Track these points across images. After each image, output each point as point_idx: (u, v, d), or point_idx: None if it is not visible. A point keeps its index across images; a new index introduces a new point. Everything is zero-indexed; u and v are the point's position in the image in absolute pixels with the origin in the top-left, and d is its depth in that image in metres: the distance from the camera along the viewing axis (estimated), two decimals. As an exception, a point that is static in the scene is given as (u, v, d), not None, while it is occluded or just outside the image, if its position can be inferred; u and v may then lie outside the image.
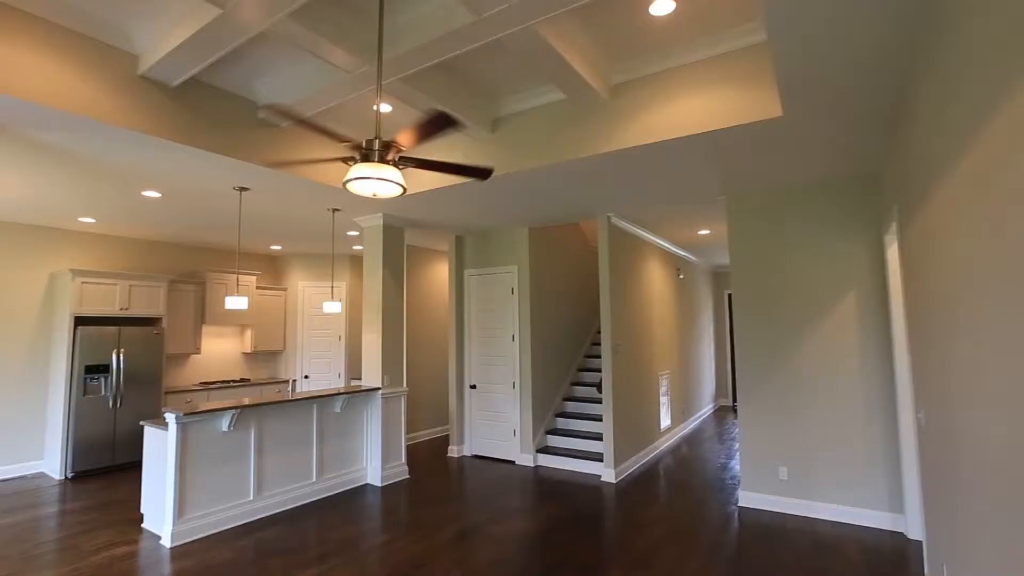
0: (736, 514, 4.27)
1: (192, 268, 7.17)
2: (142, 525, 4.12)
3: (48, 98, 2.81)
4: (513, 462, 6.00)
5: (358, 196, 4.61)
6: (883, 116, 3.05)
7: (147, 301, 6.22)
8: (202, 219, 5.51)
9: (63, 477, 5.48)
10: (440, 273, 7.87)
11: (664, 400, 6.84)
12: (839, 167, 3.94)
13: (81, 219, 5.55)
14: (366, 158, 2.48)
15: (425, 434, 7.30)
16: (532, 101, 3.92)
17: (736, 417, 8.89)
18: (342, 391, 5.00)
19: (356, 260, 7.92)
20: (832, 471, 4.14)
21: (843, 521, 4.07)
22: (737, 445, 6.79)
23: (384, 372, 5.29)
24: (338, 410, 4.98)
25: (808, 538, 3.78)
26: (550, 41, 2.84)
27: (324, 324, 7.77)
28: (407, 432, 6.76)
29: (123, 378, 5.85)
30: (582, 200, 4.89)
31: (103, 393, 5.71)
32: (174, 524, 3.76)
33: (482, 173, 2.71)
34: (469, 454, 6.36)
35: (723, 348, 10.27)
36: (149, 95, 3.23)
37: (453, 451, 6.33)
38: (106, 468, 5.73)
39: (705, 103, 3.23)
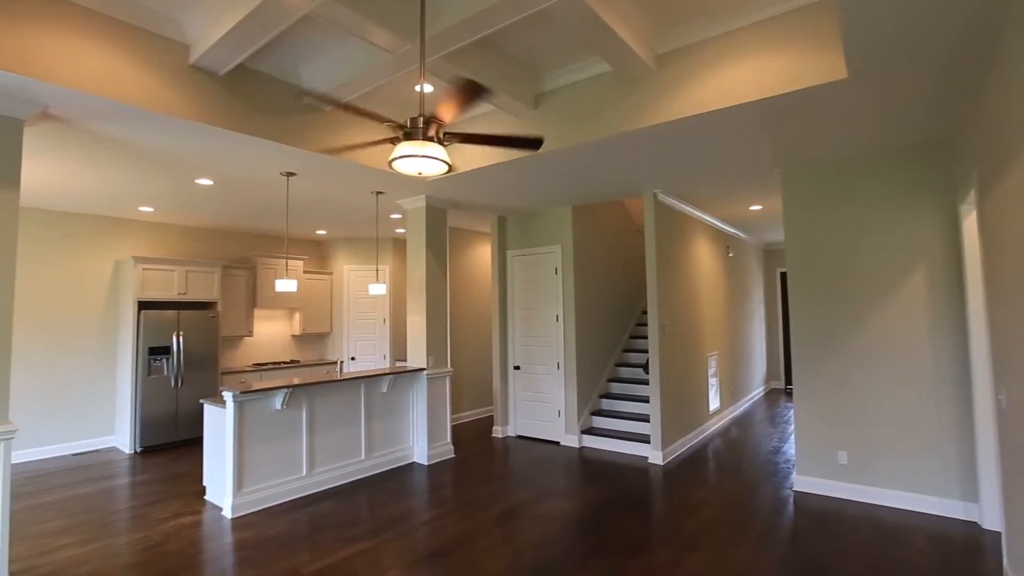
0: (791, 499, 4.13)
1: (243, 254, 7.42)
2: (205, 497, 4.34)
3: (106, 90, 2.91)
4: (558, 443, 5.99)
5: (401, 178, 4.62)
6: (964, 74, 2.79)
7: (203, 286, 6.49)
8: (251, 206, 5.67)
9: (132, 451, 5.83)
10: (483, 255, 7.86)
11: (713, 382, 6.66)
12: (908, 133, 3.66)
13: (141, 208, 5.80)
14: (410, 137, 2.46)
15: (469, 415, 7.39)
16: (576, 75, 3.80)
17: (789, 400, 8.59)
18: (388, 372, 5.09)
19: (399, 243, 8.01)
20: (897, 456, 3.93)
21: (908, 509, 3.87)
22: (791, 428, 6.56)
23: (429, 353, 5.35)
24: (385, 390, 5.08)
25: (870, 525, 3.61)
26: (595, 9, 2.72)
27: (369, 307, 7.92)
28: (452, 412, 6.86)
29: (183, 359, 6.15)
30: (628, 177, 4.75)
31: (165, 373, 6.02)
32: (234, 497, 3.94)
33: (532, 143, 2.61)
34: (513, 435, 6.39)
35: (775, 329, 9.91)
36: (200, 84, 3.30)
37: (497, 432, 6.37)
38: (170, 444, 6.06)
39: (758, 69, 3.04)
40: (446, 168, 2.43)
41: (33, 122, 3.20)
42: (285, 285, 4.41)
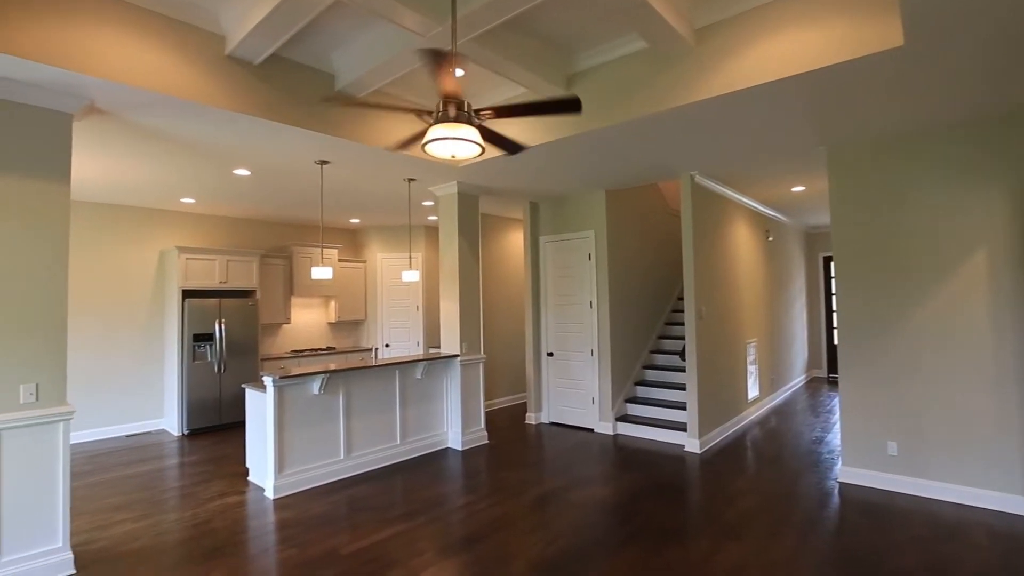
0: (836, 490, 3.99)
1: (279, 243, 7.59)
2: (248, 478, 4.48)
3: (149, 82, 2.97)
4: (592, 430, 5.94)
5: (432, 164, 4.61)
6: (1035, 36, 2.57)
7: (242, 275, 6.66)
8: (287, 195, 5.77)
9: (180, 433, 6.08)
10: (515, 241, 7.82)
11: (752, 369, 6.48)
12: (966, 106, 3.42)
13: (183, 200, 5.98)
14: (441, 119, 2.42)
15: (502, 401, 7.41)
16: (610, 54, 3.69)
17: (832, 388, 8.31)
18: (422, 358, 5.13)
19: (431, 231, 8.04)
20: (952, 448, 3.73)
21: (965, 503, 3.68)
22: (835, 418, 6.34)
23: (462, 339, 5.37)
24: (419, 376, 5.12)
25: (923, 519, 3.45)
26: (632, -20, 2.61)
27: (402, 294, 8.00)
28: (485, 399, 6.88)
29: (225, 346, 6.34)
30: (664, 158, 4.61)
31: (209, 359, 6.23)
32: (275, 478, 4.05)
33: (569, 105, 2.49)
34: (547, 421, 6.38)
35: (817, 315, 9.57)
36: (236, 74, 3.34)
37: (531, 418, 6.37)
38: (215, 427, 6.29)
39: (804, 40, 2.88)
40: (479, 150, 2.39)
41: (81, 116, 3.30)
42: (321, 273, 4.47)
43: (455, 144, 2.31)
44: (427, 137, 2.31)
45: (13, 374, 2.80)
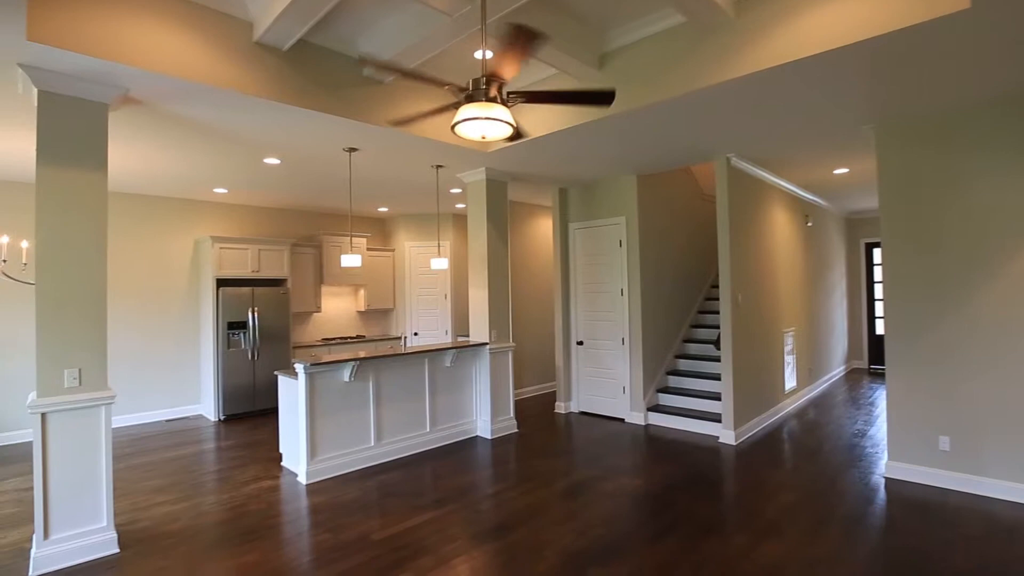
0: (882, 485, 3.81)
1: (309, 232, 7.67)
2: (281, 463, 4.55)
3: (182, 71, 2.98)
4: (623, 420, 5.85)
5: (461, 151, 4.55)
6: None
7: (274, 264, 6.75)
8: (316, 183, 5.79)
9: (217, 419, 6.23)
10: (543, 228, 7.72)
11: (789, 360, 6.27)
12: (1037, 74, 3.17)
13: (216, 190, 6.07)
14: (472, 99, 2.35)
15: (531, 390, 7.36)
16: (644, 30, 3.54)
17: (873, 380, 8.00)
18: (451, 346, 5.11)
19: (459, 219, 8.00)
20: (1012, 444, 3.51)
21: None
22: (877, 410, 6.09)
23: (491, 327, 5.32)
24: (448, 364, 5.11)
25: (979, 518, 3.27)
26: (670, -52, 2.48)
27: (431, 283, 8.00)
28: (514, 388, 6.85)
29: (258, 334, 6.45)
30: (699, 140, 4.44)
31: (243, 347, 6.35)
32: (308, 464, 4.10)
33: (603, 97, 2.42)
34: (576, 411, 6.31)
35: (858, 304, 9.21)
36: (265, 61, 3.32)
37: (560, 407, 6.31)
38: (249, 412, 6.42)
39: (852, 8, 2.69)
40: (510, 131, 2.32)
41: (116, 106, 3.34)
42: (350, 260, 4.48)
43: (486, 125, 2.24)
44: (457, 117, 2.24)
45: (57, 358, 2.87)
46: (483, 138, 2.34)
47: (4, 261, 4.13)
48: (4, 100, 3.36)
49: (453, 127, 2.30)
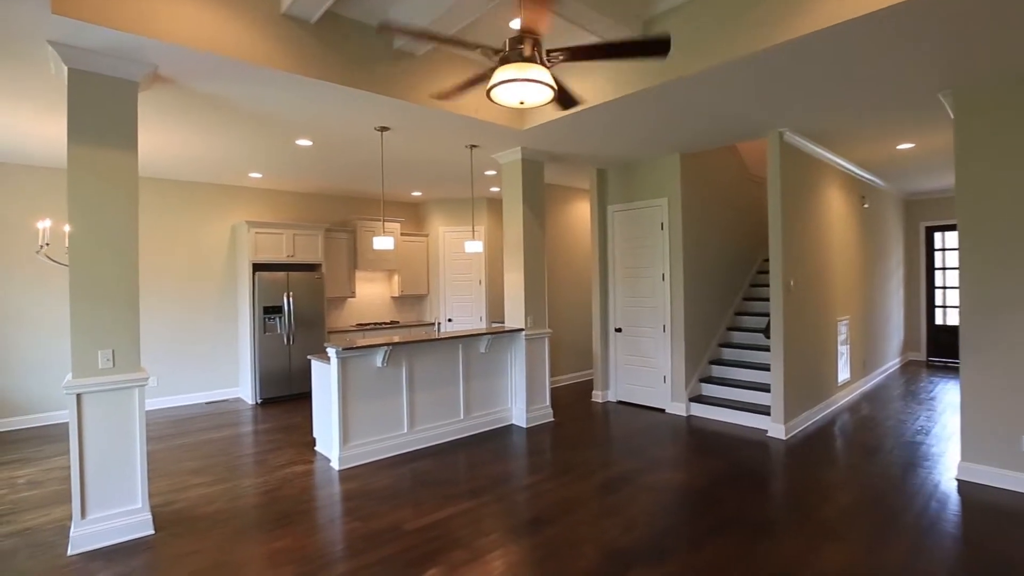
0: (954, 488, 3.49)
1: (343, 217, 7.63)
2: (315, 448, 4.52)
3: (211, 45, 2.88)
4: (663, 410, 5.61)
5: (495, 130, 4.36)
6: None
7: (308, 249, 6.74)
8: (348, 166, 5.71)
9: (254, 402, 6.29)
10: (579, 212, 7.48)
11: (843, 350, 5.89)
12: None
13: (251, 175, 6.07)
14: (507, 61, 2.15)
15: (567, 378, 7.18)
16: (693, -10, 3.26)
17: (932, 373, 7.49)
18: (486, 331, 4.96)
19: (493, 203, 7.82)
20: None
21: (1122, 509, 3.10)
22: (940, 406, 5.67)
23: (527, 313, 5.15)
24: (483, 350, 4.97)
25: (1070, 526, 2.93)
26: None
27: (464, 268, 7.88)
28: (550, 375, 6.68)
29: (294, 318, 6.47)
30: (752, 112, 4.12)
31: (279, 331, 6.38)
32: (341, 449, 4.04)
33: (658, 47, 2.15)
34: (614, 400, 6.10)
35: (916, 292, 8.63)
36: (293, 33, 3.21)
37: (597, 396, 6.11)
38: (285, 396, 6.47)
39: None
40: (551, 94, 2.11)
41: (146, 85, 3.29)
42: (382, 242, 4.37)
43: (524, 88, 2.04)
44: (493, 80, 2.06)
45: (91, 339, 2.85)
46: (521, 104, 2.15)
47: (47, 244, 4.19)
48: (41, 83, 3.35)
49: (489, 92, 2.12)
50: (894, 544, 2.77)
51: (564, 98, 2.59)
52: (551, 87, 2.08)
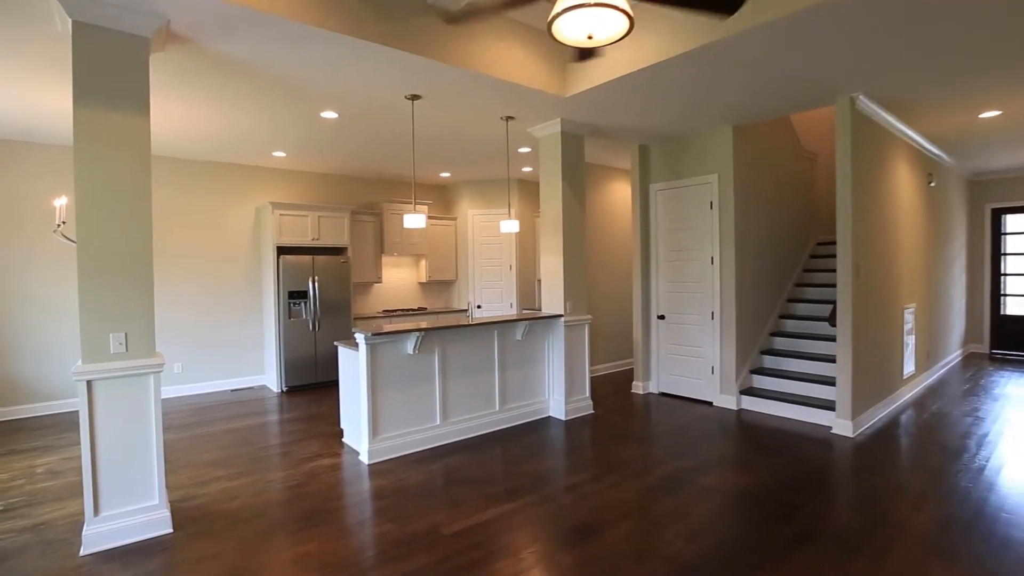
0: (1066, 497, 3.05)
1: (369, 199, 7.36)
2: (342, 440, 4.27)
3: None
4: (710, 403, 5.22)
5: (533, 100, 3.99)
6: None
7: (333, 231, 6.48)
8: (376, 142, 5.39)
9: (280, 390, 6.09)
10: (618, 193, 7.06)
11: (908, 340, 5.40)
12: None
13: (274, 154, 5.81)
14: (572, -12, 1.79)
15: (604, 367, 6.82)
16: (770, -76, 2.83)
17: (997, 367, 6.92)
18: (523, 318, 4.63)
19: (525, 185, 7.45)
20: None
21: None
22: (1015, 403, 5.15)
23: (566, 298, 4.80)
24: (519, 338, 4.64)
25: None
26: None
27: (494, 253, 7.55)
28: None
29: (319, 304, 6.23)
30: (824, 71, 3.66)
31: (304, 317, 6.14)
32: (370, 442, 3.76)
33: (729, 3, 1.85)
34: (655, 391, 5.72)
35: (979, 279, 8.01)
36: (318, -12, 2.88)
37: (637, 387, 5.74)
38: (311, 384, 6.25)
39: None
40: (627, 24, 1.74)
41: (159, 45, 3.01)
42: (413, 220, 4.05)
43: (594, 15, 1.68)
44: (556, 8, 1.69)
45: (102, 322, 2.60)
46: (590, 38, 1.78)
47: (64, 223, 3.98)
48: (50, 46, 3.09)
49: (550, 25, 1.75)
50: (1015, 562, 2.37)
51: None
52: (628, 14, 1.70)
